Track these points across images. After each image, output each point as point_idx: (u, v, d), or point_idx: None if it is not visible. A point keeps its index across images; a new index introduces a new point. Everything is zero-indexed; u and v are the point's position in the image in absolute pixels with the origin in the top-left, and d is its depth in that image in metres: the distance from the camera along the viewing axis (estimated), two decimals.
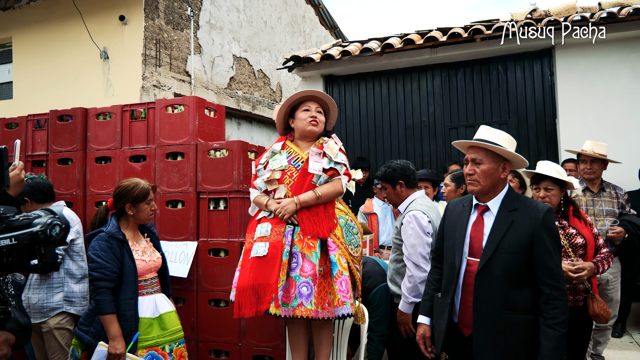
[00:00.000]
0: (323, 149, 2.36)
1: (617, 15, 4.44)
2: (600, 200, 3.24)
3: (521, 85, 5.18)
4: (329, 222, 2.26)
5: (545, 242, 1.77)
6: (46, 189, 2.70)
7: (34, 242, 0.85)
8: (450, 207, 2.09)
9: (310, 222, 2.23)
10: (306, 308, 2.13)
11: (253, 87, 8.99)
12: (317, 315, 2.14)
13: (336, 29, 11.42)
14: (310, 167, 2.31)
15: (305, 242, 2.22)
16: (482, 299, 1.81)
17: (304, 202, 2.25)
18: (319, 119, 2.41)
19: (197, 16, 7.60)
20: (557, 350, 1.70)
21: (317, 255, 2.20)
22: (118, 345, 2.14)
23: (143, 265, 2.35)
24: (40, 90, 7.18)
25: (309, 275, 2.16)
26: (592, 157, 3.21)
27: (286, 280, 2.18)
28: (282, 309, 2.14)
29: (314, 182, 2.30)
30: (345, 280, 2.19)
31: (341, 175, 2.35)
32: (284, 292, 2.16)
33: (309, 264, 2.18)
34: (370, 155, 5.74)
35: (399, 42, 5.26)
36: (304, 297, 2.14)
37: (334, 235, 2.25)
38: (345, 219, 2.35)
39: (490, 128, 1.96)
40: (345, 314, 2.15)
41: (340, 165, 2.35)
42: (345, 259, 2.24)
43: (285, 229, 2.24)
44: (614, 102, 4.71)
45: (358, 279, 2.34)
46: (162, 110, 3.15)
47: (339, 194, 2.36)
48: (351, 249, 2.30)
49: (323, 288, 2.19)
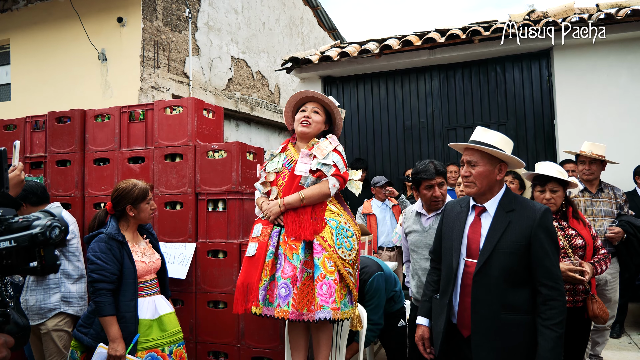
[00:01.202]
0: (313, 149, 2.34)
1: (614, 17, 4.47)
2: (598, 200, 3.25)
3: (519, 86, 5.20)
4: (314, 224, 2.23)
5: (542, 242, 1.78)
6: (40, 191, 2.68)
7: (34, 244, 0.85)
8: (448, 208, 2.09)
9: (293, 224, 2.25)
10: (282, 309, 2.17)
11: (251, 89, 8.99)
12: (294, 317, 2.15)
13: (334, 31, 11.43)
14: (296, 169, 2.32)
15: (288, 244, 2.24)
16: (480, 300, 1.81)
17: (288, 204, 2.27)
18: (312, 119, 2.39)
19: (195, 18, 7.61)
20: (554, 351, 1.70)
21: (298, 257, 2.21)
22: (118, 347, 2.14)
23: (143, 266, 2.35)
24: (38, 92, 7.17)
25: (288, 277, 2.20)
26: (591, 158, 3.22)
27: (273, 281, 2.25)
28: (265, 308, 2.21)
29: (302, 183, 2.30)
30: (327, 284, 2.15)
31: (328, 176, 2.29)
32: (269, 292, 2.23)
33: (289, 266, 2.21)
34: (369, 157, 5.75)
35: (397, 44, 5.27)
36: (282, 298, 2.19)
37: (320, 238, 2.21)
38: (337, 220, 2.29)
39: (487, 129, 1.96)
40: (322, 318, 2.12)
41: (327, 166, 2.29)
42: (333, 262, 2.19)
43: (272, 230, 2.31)
44: (612, 103, 4.73)
45: (352, 284, 2.25)
46: (161, 112, 3.15)
47: (326, 195, 2.30)
48: (342, 252, 2.22)
49: (310, 290, 2.19)
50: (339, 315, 2.15)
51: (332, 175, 2.29)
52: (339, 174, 2.32)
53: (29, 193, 2.63)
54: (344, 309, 2.22)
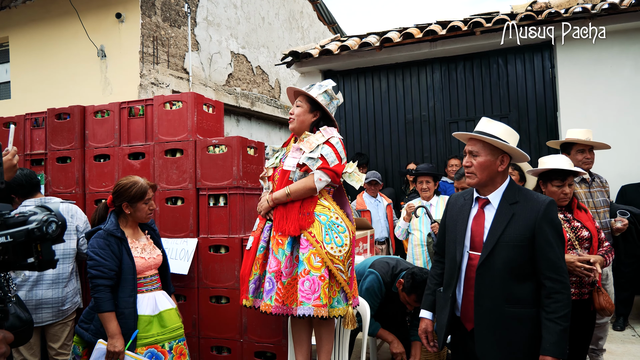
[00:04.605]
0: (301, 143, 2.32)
1: (618, 6, 4.41)
2: (595, 191, 3.17)
3: (522, 78, 5.15)
4: (300, 219, 2.21)
5: (547, 234, 1.76)
6: (25, 181, 2.63)
7: (30, 239, 0.84)
8: (452, 200, 2.08)
9: (280, 219, 2.27)
10: (265, 303, 2.22)
11: (251, 84, 8.96)
12: (277, 311, 2.18)
13: (334, 24, 11.36)
14: (285, 164, 2.33)
15: (276, 239, 2.26)
16: (484, 293, 1.80)
17: (275, 199, 2.31)
18: (295, 113, 2.38)
19: (194, 13, 7.56)
20: (559, 345, 1.69)
21: (284, 252, 2.21)
22: (117, 343, 2.13)
23: (142, 262, 2.33)
24: (37, 89, 7.16)
25: (273, 272, 2.22)
26: (590, 145, 3.14)
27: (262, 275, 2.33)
28: (255, 300, 2.32)
29: (291, 178, 2.29)
30: (310, 280, 2.12)
31: (314, 170, 2.23)
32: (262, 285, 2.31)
33: (274, 260, 2.23)
34: (370, 151, 5.73)
35: (398, 36, 5.22)
36: (266, 292, 2.23)
37: (308, 233, 2.18)
38: (328, 215, 2.22)
39: (491, 120, 1.94)
40: (301, 315, 2.11)
41: (313, 160, 2.23)
42: (321, 258, 2.15)
43: (264, 225, 2.37)
44: (616, 94, 4.69)
45: (343, 281, 2.19)
46: (160, 107, 3.13)
47: (311, 189, 2.23)
48: (331, 248, 2.16)
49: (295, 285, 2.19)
50: (323, 312, 2.10)
51: (318, 169, 2.22)
52: (327, 167, 2.23)
53: (16, 185, 2.61)
54: (337, 305, 2.18)
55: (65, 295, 2.66)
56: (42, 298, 2.58)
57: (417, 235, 3.90)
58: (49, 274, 2.62)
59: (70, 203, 2.86)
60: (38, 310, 2.56)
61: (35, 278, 2.59)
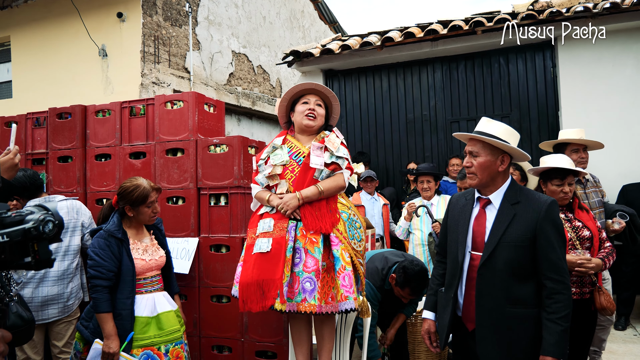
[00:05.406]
0: (324, 143, 2.33)
1: (620, 6, 4.39)
2: (590, 192, 3.14)
3: (523, 78, 5.14)
4: (331, 217, 2.24)
5: (548, 235, 1.75)
6: (29, 182, 2.63)
7: (27, 238, 0.84)
8: (454, 200, 2.07)
9: (312, 218, 2.22)
10: (309, 303, 2.12)
11: (253, 83, 8.96)
12: (321, 310, 2.12)
13: (335, 24, 11.35)
14: (311, 162, 2.28)
15: (308, 238, 2.20)
16: (485, 294, 1.79)
17: (306, 197, 2.24)
18: (317, 112, 2.37)
19: (196, 12, 7.56)
20: (559, 345, 1.68)
21: (319, 251, 2.18)
22: (112, 344, 2.13)
23: (142, 264, 2.32)
24: (39, 88, 7.17)
25: (312, 271, 2.15)
26: (584, 145, 3.08)
27: (290, 276, 2.17)
28: (287, 304, 2.13)
29: (316, 176, 2.29)
30: (348, 275, 2.17)
31: (343, 169, 2.33)
32: (288, 287, 2.16)
33: (312, 260, 2.17)
34: (371, 150, 5.72)
35: (399, 36, 5.21)
36: (307, 292, 2.14)
37: (336, 230, 2.23)
38: (347, 213, 2.33)
39: (491, 120, 1.93)
40: (348, 309, 2.14)
41: (342, 159, 2.33)
42: (349, 253, 2.22)
43: (288, 225, 2.23)
44: (617, 94, 4.67)
45: (362, 273, 2.32)
46: (162, 107, 3.13)
47: (342, 188, 2.34)
48: (354, 243, 2.28)
49: (326, 283, 2.18)
50: (357, 304, 2.20)
51: (346, 168, 2.35)
52: (350, 167, 2.39)
53: (19, 189, 2.59)
54: (360, 298, 2.28)
55: (70, 290, 2.67)
56: (48, 295, 2.58)
57: (418, 235, 3.89)
58: (54, 271, 2.62)
59: (74, 199, 2.86)
60: (44, 307, 2.57)
61: (41, 275, 2.59)
